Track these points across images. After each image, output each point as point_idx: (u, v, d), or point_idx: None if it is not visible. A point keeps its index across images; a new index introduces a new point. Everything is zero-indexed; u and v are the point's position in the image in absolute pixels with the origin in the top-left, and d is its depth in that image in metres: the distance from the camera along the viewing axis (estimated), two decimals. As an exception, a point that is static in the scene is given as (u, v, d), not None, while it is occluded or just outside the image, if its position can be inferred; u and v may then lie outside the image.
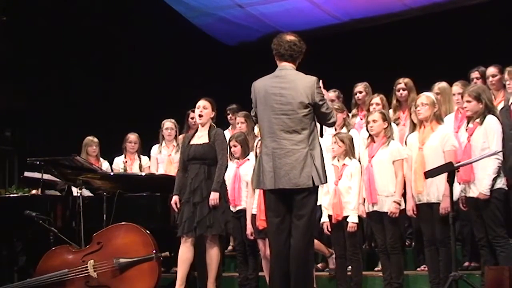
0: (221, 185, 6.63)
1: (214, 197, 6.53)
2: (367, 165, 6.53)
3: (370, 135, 6.59)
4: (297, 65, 5.40)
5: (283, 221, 5.29)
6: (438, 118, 6.33)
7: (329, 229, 6.68)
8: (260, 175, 5.34)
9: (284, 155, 5.23)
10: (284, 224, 5.28)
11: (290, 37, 5.38)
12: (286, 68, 5.33)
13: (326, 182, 5.43)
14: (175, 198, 6.73)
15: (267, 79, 5.38)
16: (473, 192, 6.12)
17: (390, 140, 6.51)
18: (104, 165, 8.74)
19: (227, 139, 7.04)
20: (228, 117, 8.82)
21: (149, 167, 8.74)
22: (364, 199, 6.54)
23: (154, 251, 6.40)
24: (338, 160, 6.71)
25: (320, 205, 6.57)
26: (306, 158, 5.21)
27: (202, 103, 6.77)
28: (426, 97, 6.36)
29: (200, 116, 6.74)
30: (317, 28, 10.42)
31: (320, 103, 5.28)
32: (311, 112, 5.28)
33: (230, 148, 7.26)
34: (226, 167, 6.74)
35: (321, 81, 5.38)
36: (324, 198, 6.69)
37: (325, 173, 5.34)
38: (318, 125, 5.54)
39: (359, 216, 6.59)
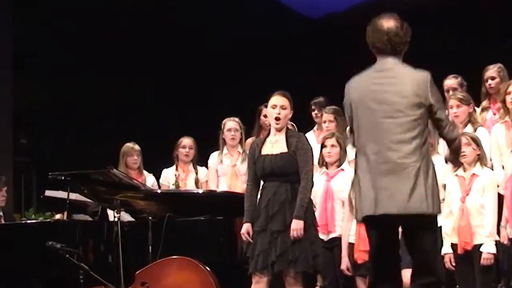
0: (307, 207, 6.47)
1: (297, 226, 6.35)
2: (511, 175, 6.33)
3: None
4: (402, 56, 5.30)
5: (389, 258, 5.23)
6: None
7: (453, 263, 6.59)
8: (356, 199, 5.27)
9: (389, 171, 5.14)
10: (391, 261, 5.24)
11: (388, 24, 5.22)
12: (389, 62, 5.27)
13: (440, 212, 5.26)
14: (246, 227, 6.55)
15: (365, 75, 5.29)
16: None
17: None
18: (149, 180, 8.64)
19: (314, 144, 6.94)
20: (314, 114, 8.64)
21: (207, 181, 8.69)
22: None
23: (215, 293, 6.33)
24: (465, 170, 6.55)
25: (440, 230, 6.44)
26: (418, 175, 5.12)
27: (279, 101, 6.57)
28: None
29: (277, 119, 6.56)
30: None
31: (437, 105, 5.18)
32: (424, 116, 5.18)
33: (323, 148, 7.24)
34: (312, 186, 6.58)
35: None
36: (446, 221, 6.60)
37: (439, 198, 5.19)
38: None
39: (496, 244, 6.43)
